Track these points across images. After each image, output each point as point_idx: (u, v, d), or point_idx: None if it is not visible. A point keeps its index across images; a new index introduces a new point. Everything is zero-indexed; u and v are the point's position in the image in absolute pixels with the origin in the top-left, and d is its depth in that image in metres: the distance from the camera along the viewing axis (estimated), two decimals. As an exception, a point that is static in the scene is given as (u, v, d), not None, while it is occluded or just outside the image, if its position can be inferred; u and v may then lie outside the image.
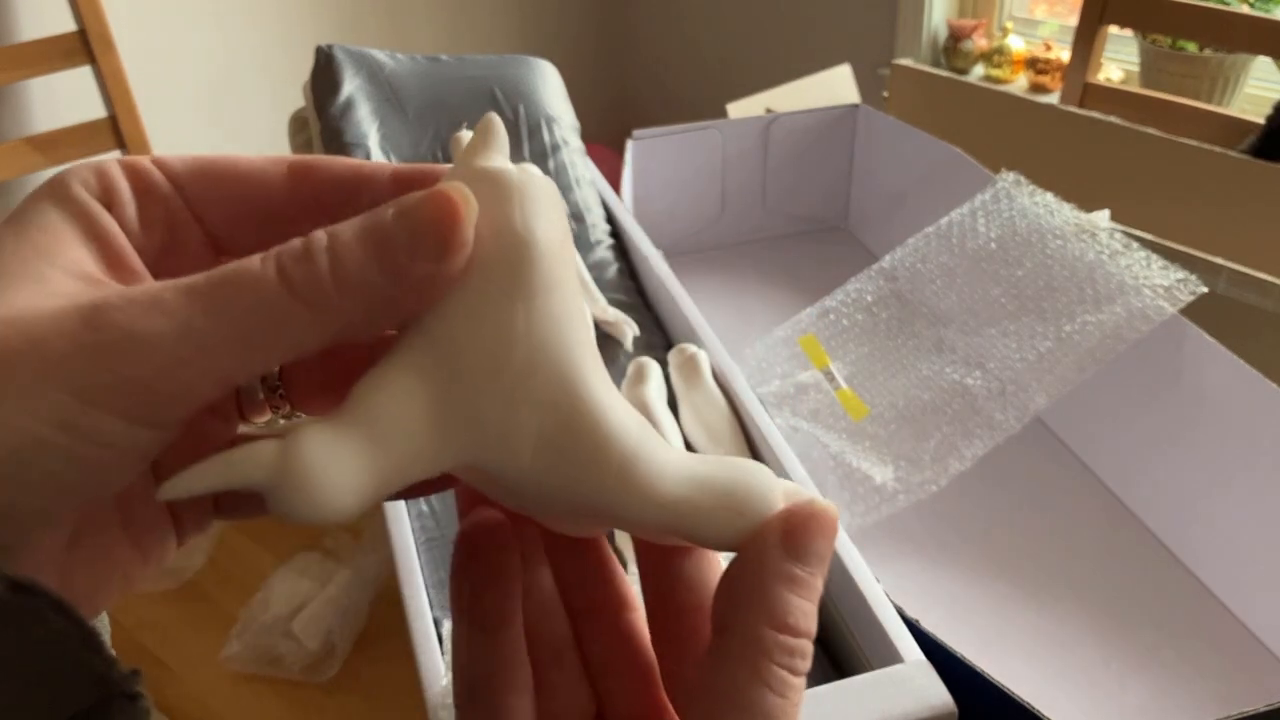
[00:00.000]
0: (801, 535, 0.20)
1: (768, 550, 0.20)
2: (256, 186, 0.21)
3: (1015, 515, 0.68)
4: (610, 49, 2.38)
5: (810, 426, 0.67)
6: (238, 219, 0.21)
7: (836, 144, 1.00)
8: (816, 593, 0.20)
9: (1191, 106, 1.24)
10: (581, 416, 0.19)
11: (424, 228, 0.18)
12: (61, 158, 1.31)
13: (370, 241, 0.18)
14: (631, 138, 0.92)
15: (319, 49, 0.80)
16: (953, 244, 0.73)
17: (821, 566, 0.20)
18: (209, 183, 0.21)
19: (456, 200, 0.18)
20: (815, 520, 0.20)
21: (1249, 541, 0.59)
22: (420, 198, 0.18)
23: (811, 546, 0.20)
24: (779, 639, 0.19)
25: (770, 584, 0.20)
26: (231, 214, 0.21)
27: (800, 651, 0.20)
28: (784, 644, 0.19)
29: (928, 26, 1.77)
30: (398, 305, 0.18)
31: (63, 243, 0.19)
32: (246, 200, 0.21)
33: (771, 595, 0.20)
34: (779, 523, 0.20)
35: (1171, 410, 0.64)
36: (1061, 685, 0.57)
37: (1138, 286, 0.63)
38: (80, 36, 1.30)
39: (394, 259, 0.18)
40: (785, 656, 0.19)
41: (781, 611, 0.20)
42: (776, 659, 0.19)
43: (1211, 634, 0.60)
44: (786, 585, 0.20)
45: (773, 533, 0.20)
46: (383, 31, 1.96)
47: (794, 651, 0.20)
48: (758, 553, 0.20)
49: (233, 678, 0.60)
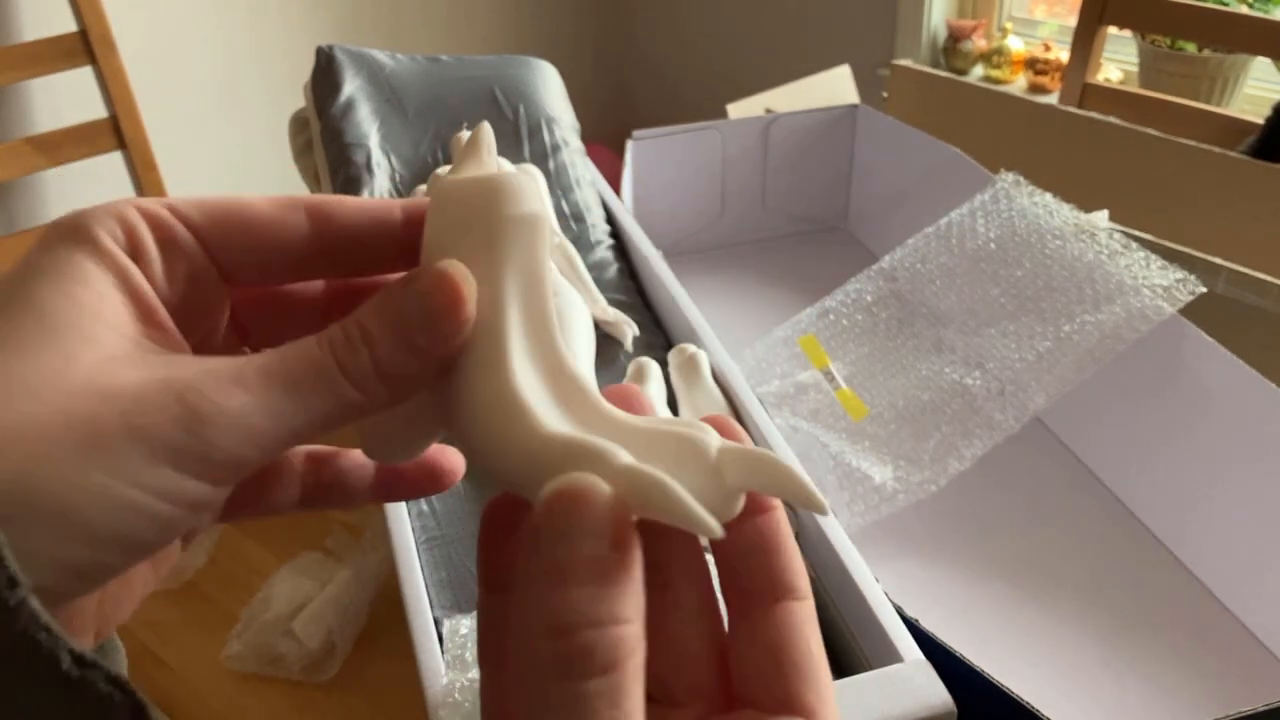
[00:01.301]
0: (540, 516, 0.18)
1: (522, 558, 0.18)
2: (276, 236, 0.22)
3: (1015, 515, 0.68)
4: (610, 49, 2.38)
5: (810, 426, 0.67)
6: (256, 267, 0.22)
7: (836, 144, 1.00)
8: (587, 571, 0.18)
9: (1191, 107, 1.24)
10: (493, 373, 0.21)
11: (438, 316, 0.21)
12: (62, 158, 1.31)
13: (398, 335, 0.21)
14: (631, 138, 0.92)
15: (319, 49, 0.80)
16: (952, 244, 0.73)
17: (575, 539, 0.18)
18: (228, 232, 0.22)
19: (459, 283, 0.21)
20: (550, 500, 0.18)
21: (1248, 541, 0.60)
22: (430, 286, 0.21)
23: (550, 526, 0.18)
24: (548, 647, 0.17)
25: (527, 587, 0.18)
26: (250, 262, 0.22)
27: (585, 648, 0.17)
28: (558, 651, 0.17)
29: (927, 27, 1.77)
30: (425, 375, 0.21)
31: (107, 301, 0.20)
32: (265, 249, 0.22)
33: (530, 599, 0.18)
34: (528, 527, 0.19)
35: (1171, 410, 0.65)
36: (1061, 685, 0.57)
37: (1137, 286, 0.63)
38: (81, 37, 1.30)
39: (417, 344, 0.21)
40: (557, 662, 0.17)
41: (547, 614, 0.18)
42: (551, 671, 0.17)
43: (1211, 634, 0.60)
44: (546, 583, 0.18)
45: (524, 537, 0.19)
46: (383, 32, 1.96)
47: (570, 656, 0.17)
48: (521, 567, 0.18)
49: (233, 677, 0.60)
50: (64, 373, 0.18)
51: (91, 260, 0.20)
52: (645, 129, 0.93)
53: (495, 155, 0.24)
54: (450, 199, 0.22)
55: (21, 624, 0.16)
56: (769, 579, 0.22)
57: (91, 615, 0.21)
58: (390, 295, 0.21)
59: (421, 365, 0.21)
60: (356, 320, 0.21)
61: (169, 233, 0.21)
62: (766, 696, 0.21)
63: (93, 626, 0.21)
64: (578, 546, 0.18)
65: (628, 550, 0.18)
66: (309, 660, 0.60)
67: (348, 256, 0.23)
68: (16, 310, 0.19)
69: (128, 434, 0.18)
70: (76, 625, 0.21)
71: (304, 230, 0.22)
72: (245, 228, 0.22)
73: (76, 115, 1.33)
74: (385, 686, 0.60)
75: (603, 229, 0.81)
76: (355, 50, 0.80)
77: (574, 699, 0.17)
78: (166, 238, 0.21)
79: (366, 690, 0.59)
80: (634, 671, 0.18)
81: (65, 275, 0.19)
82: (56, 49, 1.29)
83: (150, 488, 0.18)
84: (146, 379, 0.19)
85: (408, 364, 0.21)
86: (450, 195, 0.22)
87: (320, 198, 0.23)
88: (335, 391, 0.20)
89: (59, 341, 0.18)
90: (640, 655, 0.18)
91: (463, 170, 0.23)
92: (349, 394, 0.20)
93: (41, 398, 0.18)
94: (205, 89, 1.74)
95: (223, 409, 0.19)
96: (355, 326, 0.21)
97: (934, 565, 0.65)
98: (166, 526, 0.19)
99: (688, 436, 0.20)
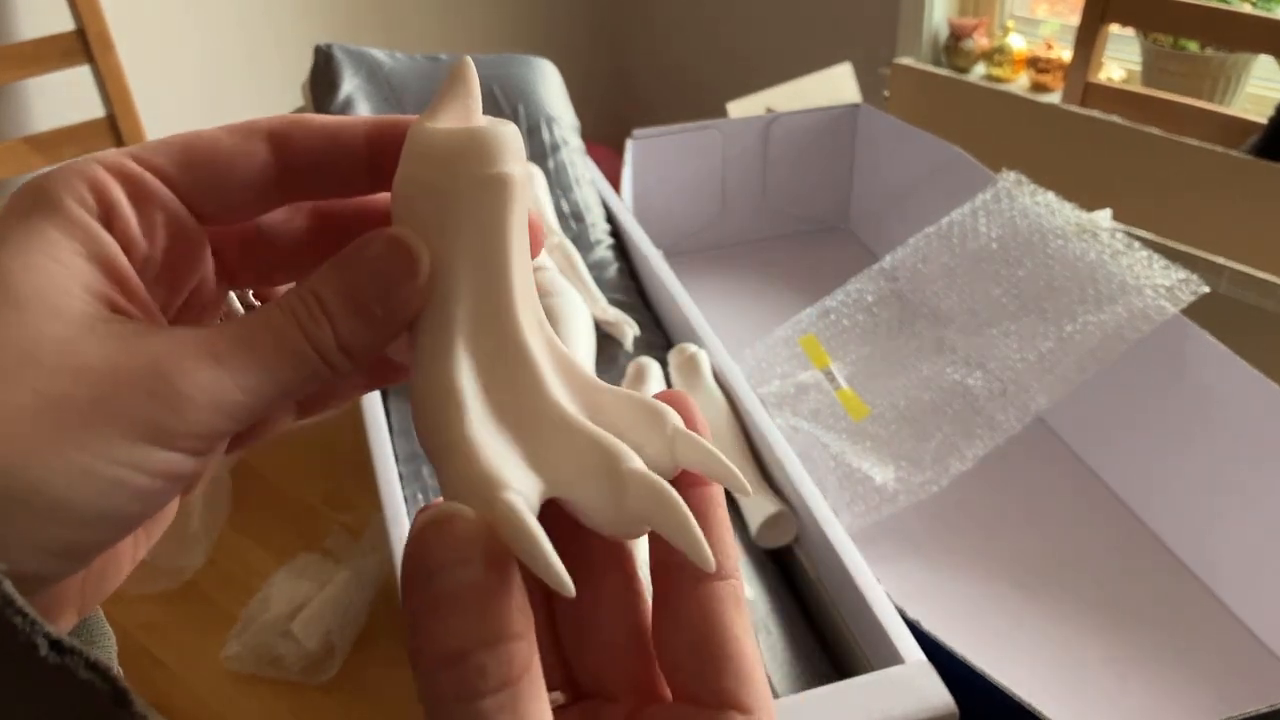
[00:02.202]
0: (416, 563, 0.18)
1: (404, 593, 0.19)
2: (243, 167, 0.21)
3: (1016, 516, 0.68)
4: (610, 48, 2.38)
5: (810, 426, 0.67)
6: (223, 201, 0.22)
7: (837, 144, 0.99)
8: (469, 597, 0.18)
9: (1193, 106, 1.24)
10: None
11: (391, 285, 0.21)
12: (60, 157, 1.31)
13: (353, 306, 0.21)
14: (631, 138, 0.92)
15: (318, 48, 0.79)
16: (953, 244, 0.73)
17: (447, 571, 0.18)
18: (197, 173, 0.21)
19: (411, 249, 0.21)
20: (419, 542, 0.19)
21: (1250, 541, 0.59)
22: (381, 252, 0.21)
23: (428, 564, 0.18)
24: (449, 676, 0.18)
25: (414, 623, 0.18)
26: (218, 198, 0.22)
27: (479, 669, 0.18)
28: (455, 678, 0.18)
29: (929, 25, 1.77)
30: (386, 341, 0.21)
31: (74, 271, 0.19)
32: (230, 182, 0.22)
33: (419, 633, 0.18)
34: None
35: (1173, 410, 0.64)
36: (1062, 685, 0.57)
37: (1139, 286, 0.63)
38: (79, 36, 1.30)
39: (374, 315, 0.21)
40: (455, 687, 0.18)
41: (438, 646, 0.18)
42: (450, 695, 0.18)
43: (1212, 634, 0.60)
44: (427, 615, 0.18)
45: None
46: (382, 31, 1.96)
47: (466, 679, 0.18)
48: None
49: (232, 678, 0.60)
50: (32, 352, 0.18)
51: (57, 229, 0.19)
52: (645, 128, 0.92)
53: (478, 98, 0.23)
54: (421, 152, 0.21)
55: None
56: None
57: (75, 592, 0.21)
58: (343, 264, 0.21)
59: (380, 335, 0.21)
60: (312, 289, 0.21)
61: (139, 184, 0.20)
62: (698, 689, 0.21)
63: (76, 603, 0.21)
64: (451, 578, 0.18)
65: (503, 567, 0.19)
66: (308, 661, 0.60)
67: (312, 180, 0.22)
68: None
69: (100, 412, 0.18)
70: (58, 605, 0.21)
71: (265, 157, 0.22)
72: (208, 162, 0.21)
73: (74, 114, 1.33)
74: (384, 687, 0.59)
75: (603, 228, 0.80)
76: (354, 49, 0.80)
77: (476, 717, 0.18)
78: (137, 190, 0.20)
79: (366, 691, 0.59)
80: (530, 681, 0.18)
81: (29, 246, 0.19)
82: (54, 48, 1.29)
83: (127, 463, 0.18)
84: (117, 354, 0.18)
85: (365, 335, 0.21)
86: (421, 148, 0.21)
87: (281, 119, 0.22)
88: (303, 361, 0.20)
89: (25, 318, 0.18)
90: (535, 663, 0.19)
91: (442, 116, 0.22)
92: (315, 364, 0.20)
93: (10, 379, 0.17)
94: (203, 88, 1.74)
95: (196, 381, 0.19)
96: (312, 297, 0.21)
97: (935, 566, 0.64)
98: (148, 499, 0.19)
99: (654, 408, 0.21)
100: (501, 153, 0.21)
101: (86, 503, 0.17)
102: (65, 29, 1.30)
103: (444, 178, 0.21)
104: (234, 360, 0.19)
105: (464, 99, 0.22)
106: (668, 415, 0.21)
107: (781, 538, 0.56)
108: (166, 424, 0.18)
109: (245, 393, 0.19)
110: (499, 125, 0.21)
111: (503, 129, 0.21)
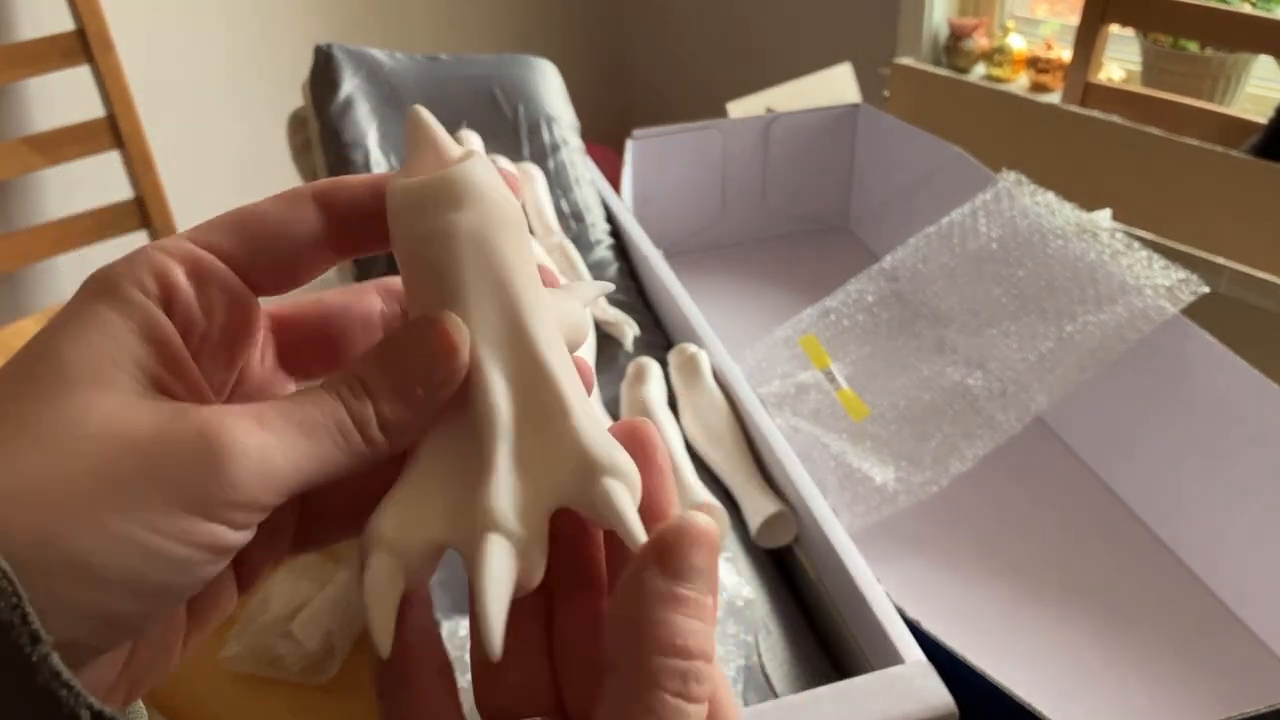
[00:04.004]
0: (676, 552, 0.20)
1: (645, 573, 0.20)
2: (295, 232, 0.23)
3: (1016, 516, 0.68)
4: (610, 48, 2.38)
5: (810, 427, 0.67)
6: (283, 266, 0.23)
7: (837, 144, 0.99)
8: (706, 610, 0.20)
9: (1193, 106, 1.23)
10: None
11: (433, 367, 0.22)
12: (60, 157, 1.31)
13: (397, 389, 0.22)
14: (631, 138, 0.92)
15: (318, 48, 0.79)
16: (954, 244, 0.73)
17: (704, 582, 0.20)
18: (253, 244, 0.22)
19: (450, 332, 0.22)
20: (688, 535, 0.20)
21: (1250, 542, 0.59)
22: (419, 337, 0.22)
23: (688, 562, 0.20)
24: (667, 664, 0.19)
25: (651, 607, 0.19)
26: (278, 264, 0.23)
27: (694, 675, 0.19)
28: (673, 668, 0.19)
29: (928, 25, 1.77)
30: (426, 423, 0.22)
31: (126, 347, 0.20)
32: (288, 246, 0.23)
33: (654, 619, 0.19)
34: (653, 543, 0.20)
35: (1173, 410, 0.64)
36: (1062, 685, 0.57)
37: (1139, 286, 0.63)
38: (79, 36, 1.30)
39: (415, 397, 0.22)
40: (676, 682, 0.19)
41: (668, 634, 0.19)
42: (666, 685, 0.19)
43: (1212, 634, 0.60)
44: (670, 606, 0.19)
45: (648, 554, 0.20)
46: (382, 31, 1.96)
47: (686, 675, 0.19)
48: (636, 577, 0.20)
49: (232, 678, 0.60)
50: (82, 420, 0.18)
51: (114, 310, 0.20)
52: (645, 128, 0.92)
53: (444, 139, 0.23)
54: (398, 209, 0.22)
55: (42, 679, 0.16)
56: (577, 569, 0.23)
57: (121, 676, 0.21)
58: (385, 347, 0.22)
59: (421, 414, 0.22)
60: (356, 372, 0.22)
61: (198, 264, 0.21)
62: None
63: (122, 688, 0.21)
64: (702, 586, 0.20)
65: (715, 593, 0.20)
66: (308, 661, 0.60)
67: (362, 233, 0.23)
68: (38, 364, 0.19)
69: (143, 480, 0.18)
70: (102, 684, 0.21)
71: (314, 218, 0.23)
72: (262, 233, 0.22)
73: (74, 114, 1.33)
74: (384, 688, 0.59)
75: (603, 228, 0.80)
76: (354, 49, 0.80)
77: (680, 715, 0.19)
78: (197, 269, 0.21)
79: (365, 692, 0.59)
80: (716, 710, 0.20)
81: (85, 325, 0.20)
82: (54, 48, 1.29)
83: (169, 532, 0.18)
84: (164, 422, 0.19)
85: (406, 414, 0.22)
86: (397, 205, 0.22)
87: (322, 183, 0.23)
88: (346, 436, 0.21)
89: (76, 389, 0.19)
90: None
91: (415, 169, 0.22)
92: (355, 442, 0.21)
93: (59, 447, 0.18)
94: (203, 88, 1.74)
95: (241, 447, 0.19)
96: (356, 379, 0.21)
97: (936, 566, 0.64)
98: (189, 570, 0.19)
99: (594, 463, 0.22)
100: (469, 189, 0.22)
101: (127, 570, 0.18)
102: (65, 29, 1.30)
103: (427, 227, 0.22)
104: (279, 429, 0.20)
105: (429, 146, 0.23)
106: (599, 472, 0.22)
107: (781, 538, 0.56)
108: (209, 491, 0.18)
109: (289, 462, 0.20)
110: (467, 164, 0.22)
111: (469, 166, 0.22)
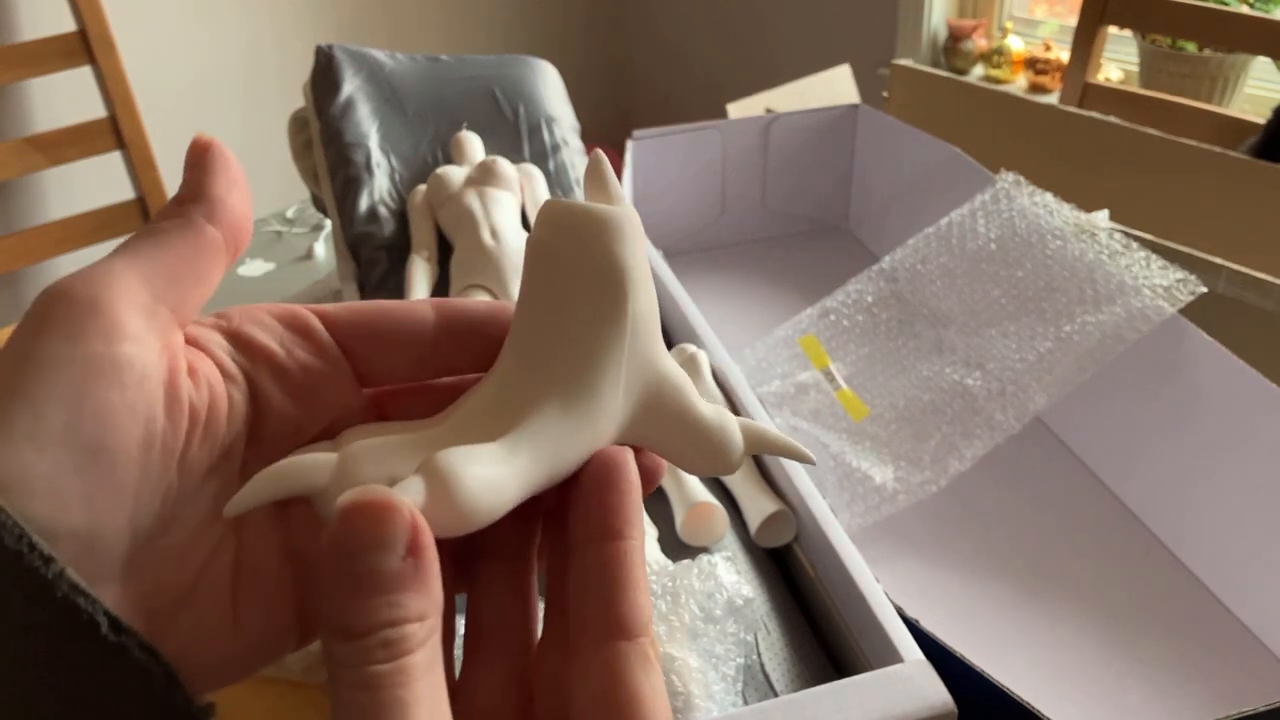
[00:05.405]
0: (338, 532, 0.19)
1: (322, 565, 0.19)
2: (411, 330, 0.24)
3: (1015, 515, 0.68)
4: (610, 49, 2.38)
5: (810, 426, 0.67)
6: (389, 358, 0.24)
7: (836, 144, 1.00)
8: (384, 582, 0.18)
9: (1191, 107, 1.24)
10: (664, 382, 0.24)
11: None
12: (61, 158, 1.31)
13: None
14: (631, 138, 0.92)
15: (319, 49, 0.80)
16: (953, 244, 0.73)
17: (373, 553, 0.18)
18: (373, 327, 0.24)
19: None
20: (349, 514, 0.19)
21: (1249, 541, 0.60)
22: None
23: (344, 543, 0.18)
24: (350, 646, 0.18)
25: (328, 595, 0.18)
26: (383, 354, 0.24)
27: (374, 644, 0.18)
28: (355, 649, 0.18)
29: (928, 26, 1.77)
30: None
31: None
32: (403, 338, 0.24)
33: (330, 607, 0.18)
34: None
35: (1171, 410, 0.64)
36: (1061, 685, 0.57)
37: (1137, 287, 0.63)
38: (80, 36, 1.30)
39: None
40: (353, 657, 0.18)
41: (345, 620, 0.18)
42: (344, 660, 0.18)
43: (1211, 634, 0.60)
44: (346, 594, 0.18)
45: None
46: (382, 31, 1.96)
47: (366, 650, 0.18)
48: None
49: (233, 678, 0.60)
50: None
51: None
52: (645, 129, 0.93)
53: (615, 185, 0.25)
54: (544, 219, 0.23)
55: (61, 593, 0.17)
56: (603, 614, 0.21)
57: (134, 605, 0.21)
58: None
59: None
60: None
61: (303, 323, 0.23)
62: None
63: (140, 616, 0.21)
64: (373, 562, 0.18)
65: (422, 556, 0.19)
66: (308, 661, 0.60)
67: (472, 346, 0.24)
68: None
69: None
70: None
71: (431, 318, 0.24)
72: (377, 321, 0.24)
73: (75, 115, 1.33)
74: (385, 687, 0.59)
75: (603, 229, 0.80)
76: (355, 50, 0.80)
77: (364, 680, 0.18)
78: (299, 326, 0.23)
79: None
80: (424, 658, 0.18)
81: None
82: (55, 48, 1.29)
83: None
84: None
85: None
86: (545, 215, 0.23)
87: (452, 300, 0.25)
88: None
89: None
90: (433, 643, 0.19)
91: (589, 195, 0.24)
92: None
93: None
94: (204, 88, 1.74)
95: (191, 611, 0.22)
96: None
97: (934, 565, 0.65)
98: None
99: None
100: (605, 231, 0.23)
101: None
102: (66, 29, 1.30)
103: (560, 243, 0.23)
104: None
105: (600, 187, 0.25)
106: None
107: (781, 537, 0.56)
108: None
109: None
110: (615, 208, 0.23)
111: (615, 211, 0.23)
